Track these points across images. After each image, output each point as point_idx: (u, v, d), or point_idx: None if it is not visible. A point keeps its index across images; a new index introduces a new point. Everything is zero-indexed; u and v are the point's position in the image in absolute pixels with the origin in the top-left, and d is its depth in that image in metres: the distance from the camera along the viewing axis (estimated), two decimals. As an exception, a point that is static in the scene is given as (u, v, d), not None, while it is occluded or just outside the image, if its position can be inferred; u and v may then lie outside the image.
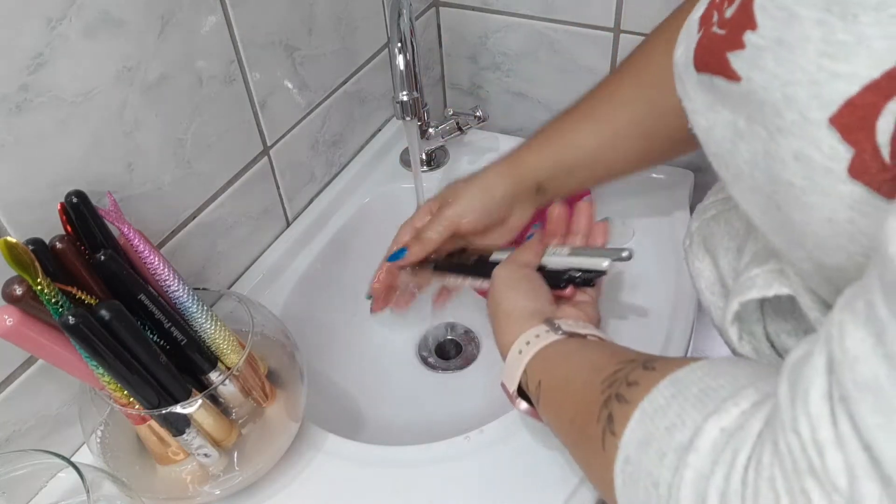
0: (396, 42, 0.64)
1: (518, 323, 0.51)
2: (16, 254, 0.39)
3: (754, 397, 0.31)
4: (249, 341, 0.51)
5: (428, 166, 0.84)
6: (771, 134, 0.29)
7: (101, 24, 0.49)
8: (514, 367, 0.49)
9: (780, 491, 0.26)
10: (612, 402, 0.38)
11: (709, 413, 0.32)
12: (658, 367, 0.37)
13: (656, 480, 0.32)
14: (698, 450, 0.31)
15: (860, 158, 0.26)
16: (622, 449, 0.35)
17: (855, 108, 0.26)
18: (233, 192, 0.66)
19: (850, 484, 0.23)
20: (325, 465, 0.56)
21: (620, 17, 0.78)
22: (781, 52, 0.28)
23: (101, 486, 0.45)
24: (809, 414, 0.25)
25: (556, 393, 0.46)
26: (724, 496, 0.29)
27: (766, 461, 0.27)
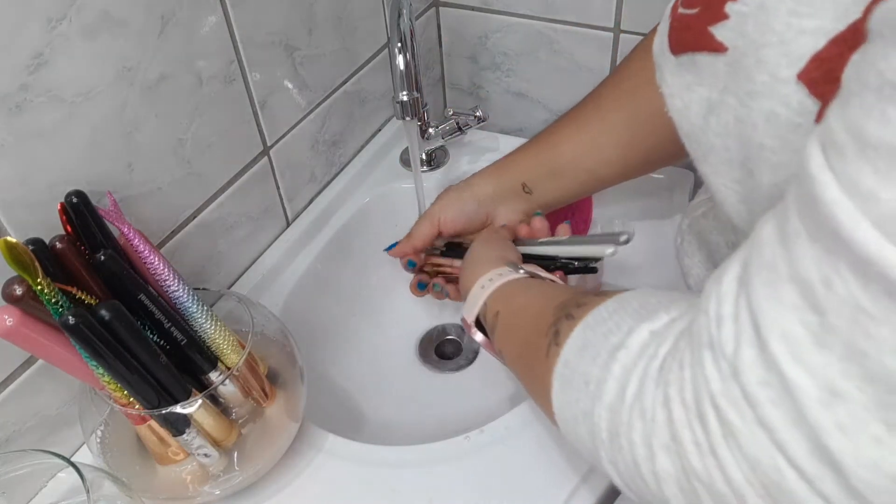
0: (396, 42, 0.64)
1: (484, 265, 0.54)
2: (16, 254, 0.39)
3: (685, 307, 0.33)
4: (249, 341, 0.51)
5: (428, 166, 0.84)
6: (741, 100, 0.30)
7: (101, 24, 0.49)
8: (475, 299, 0.52)
9: (685, 364, 0.28)
10: (562, 320, 0.40)
11: (642, 319, 0.34)
12: (608, 293, 0.39)
13: (587, 378, 0.34)
14: (628, 347, 0.33)
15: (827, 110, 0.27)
16: (562, 355, 0.37)
17: (821, 62, 0.27)
18: (233, 192, 0.66)
19: (734, 349, 0.26)
20: (325, 465, 0.56)
21: (620, 17, 0.78)
22: (760, 16, 0.29)
23: (101, 486, 0.45)
24: (720, 293, 0.27)
25: (511, 320, 0.48)
26: (641, 382, 0.31)
27: (682, 345, 0.29)
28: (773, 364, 0.24)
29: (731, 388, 0.26)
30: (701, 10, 0.32)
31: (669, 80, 0.36)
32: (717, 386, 0.26)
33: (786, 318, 0.24)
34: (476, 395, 0.71)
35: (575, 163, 0.63)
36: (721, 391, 0.26)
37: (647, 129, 0.58)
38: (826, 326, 0.23)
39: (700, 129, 0.34)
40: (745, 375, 0.25)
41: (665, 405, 0.29)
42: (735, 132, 0.31)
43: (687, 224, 0.51)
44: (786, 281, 0.24)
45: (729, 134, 0.32)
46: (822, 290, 0.22)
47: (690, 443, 0.28)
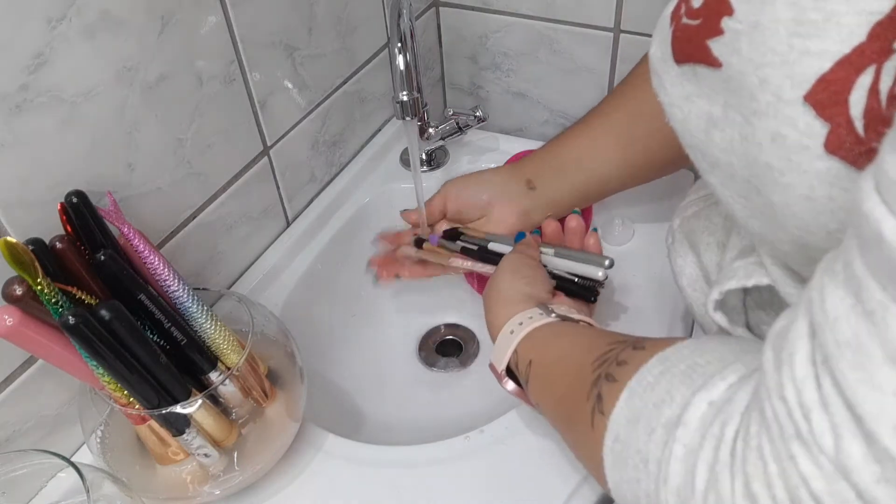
0: (396, 42, 0.64)
1: (511, 305, 0.52)
2: (16, 254, 0.39)
3: (741, 371, 0.31)
4: (249, 341, 0.51)
5: (428, 166, 0.84)
6: (747, 118, 0.30)
7: (101, 24, 0.49)
8: (505, 346, 0.50)
9: (768, 458, 0.26)
10: (602, 381, 0.38)
11: (696, 388, 0.32)
12: (647, 347, 0.38)
13: (646, 457, 0.33)
14: (687, 424, 0.31)
15: (835, 133, 0.26)
16: (611, 427, 0.36)
17: (828, 84, 0.26)
18: (233, 192, 0.66)
19: (835, 444, 0.23)
20: (325, 464, 0.56)
21: (620, 17, 0.78)
22: (756, 35, 0.29)
23: (101, 486, 0.45)
24: (795, 378, 0.25)
25: (546, 372, 0.46)
26: (712, 469, 0.29)
27: (754, 430, 0.27)
28: (890, 459, 0.22)
29: (839, 488, 0.23)
30: (701, 23, 0.32)
31: (669, 89, 0.35)
32: (819, 485, 0.24)
33: (893, 406, 0.21)
34: (476, 395, 0.71)
35: (577, 160, 0.64)
36: (827, 492, 0.24)
37: (647, 128, 0.58)
38: None
39: (703, 143, 0.33)
40: (858, 474, 0.23)
41: (748, 499, 0.27)
42: (740, 150, 0.31)
43: (678, 224, 0.51)
44: (882, 363, 0.22)
45: (734, 151, 0.31)
46: None
47: None
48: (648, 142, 0.60)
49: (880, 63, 0.25)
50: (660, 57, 0.36)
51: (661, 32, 0.36)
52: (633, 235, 0.74)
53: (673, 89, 0.35)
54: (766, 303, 0.42)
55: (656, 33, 0.37)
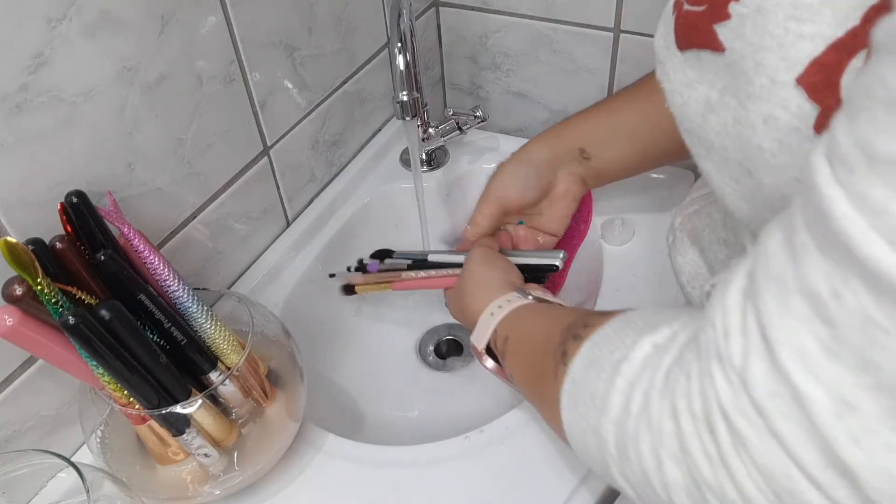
0: (396, 42, 0.64)
1: (491, 291, 0.54)
2: (16, 254, 0.39)
3: (686, 320, 0.33)
4: (249, 341, 0.51)
5: (428, 166, 0.84)
6: (741, 102, 0.30)
7: (101, 24, 0.49)
8: (485, 326, 0.52)
9: (692, 376, 0.28)
10: (569, 340, 0.40)
11: (644, 332, 0.34)
12: (615, 313, 0.39)
13: (593, 393, 0.35)
14: (631, 360, 0.33)
15: (825, 115, 0.27)
16: (569, 373, 0.38)
17: (821, 67, 0.27)
18: (233, 192, 0.66)
19: (743, 362, 0.26)
20: (324, 465, 0.56)
21: (620, 17, 0.78)
22: (758, 18, 0.29)
23: (101, 486, 0.45)
24: (725, 305, 0.27)
25: (520, 345, 0.48)
26: (646, 394, 0.31)
27: (688, 356, 0.29)
28: (784, 376, 0.24)
29: (741, 399, 0.26)
30: (707, 8, 0.32)
31: (672, 75, 0.36)
32: (727, 397, 0.26)
33: (796, 331, 0.24)
34: (476, 395, 0.71)
35: (634, 128, 0.62)
36: (732, 403, 0.26)
37: None
38: (837, 338, 0.23)
39: (699, 127, 0.34)
40: (756, 387, 0.25)
41: (673, 416, 0.29)
42: (733, 133, 0.31)
43: (679, 222, 0.51)
44: (795, 293, 0.24)
45: (727, 134, 0.32)
46: (832, 302, 0.22)
47: (700, 453, 0.28)
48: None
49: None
50: (663, 45, 0.36)
51: (665, 21, 0.37)
52: (632, 235, 0.74)
53: (675, 76, 0.35)
54: None
55: (661, 23, 0.37)
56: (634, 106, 0.62)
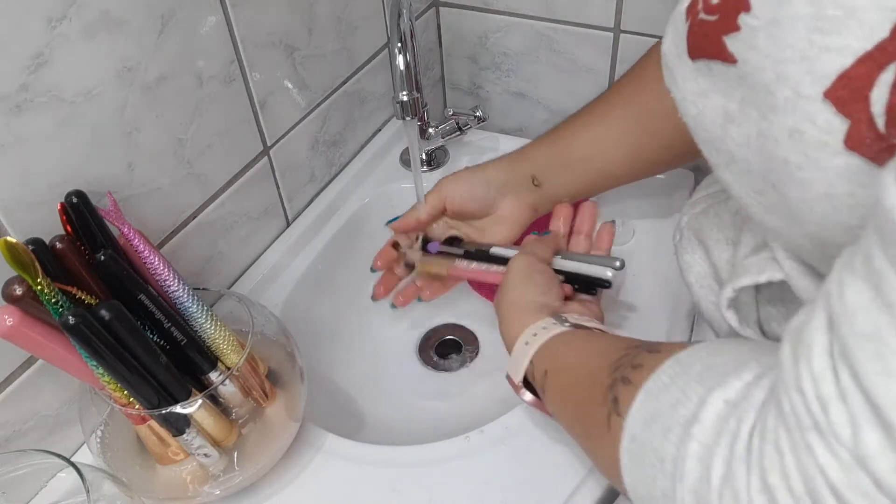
0: (396, 42, 0.64)
1: (525, 315, 0.52)
2: (16, 254, 0.39)
3: (757, 370, 0.31)
4: (249, 341, 0.51)
5: (428, 166, 0.84)
6: (763, 114, 0.30)
7: (101, 24, 0.49)
8: (521, 357, 0.50)
9: (785, 450, 0.26)
10: (618, 384, 0.38)
11: (712, 387, 0.32)
12: (662, 350, 0.38)
13: (662, 456, 0.33)
14: (702, 422, 0.31)
15: (856, 129, 0.26)
16: (627, 428, 0.36)
17: (849, 81, 0.26)
18: (233, 192, 0.66)
19: (853, 434, 0.23)
20: (325, 464, 0.56)
21: (620, 17, 0.78)
22: (774, 31, 0.28)
23: (101, 486, 0.45)
24: (812, 370, 0.25)
25: (562, 380, 0.46)
26: (728, 464, 0.29)
27: (771, 425, 0.27)
28: None
29: (857, 477, 0.23)
30: (718, 19, 0.32)
31: (682, 84, 0.35)
32: (837, 476, 0.24)
33: None
34: (476, 395, 0.71)
35: (583, 158, 0.63)
36: (844, 482, 0.24)
37: (656, 127, 0.58)
38: None
39: (719, 139, 0.33)
40: (875, 463, 0.23)
41: (765, 492, 0.27)
42: (756, 145, 0.31)
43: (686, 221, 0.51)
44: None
45: (750, 146, 0.31)
46: None
47: None
48: (659, 139, 0.59)
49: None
50: (673, 52, 0.36)
51: (676, 27, 0.36)
52: (633, 235, 0.74)
53: (686, 84, 0.35)
54: (776, 298, 0.42)
55: (669, 28, 0.37)
56: (584, 134, 0.63)
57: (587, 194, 0.67)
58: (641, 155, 0.61)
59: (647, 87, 0.59)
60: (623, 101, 0.61)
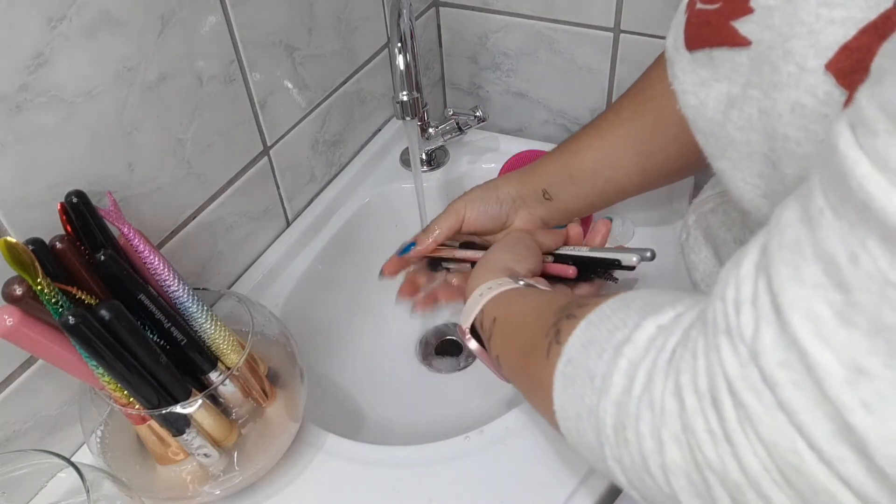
0: (396, 42, 0.64)
1: (488, 273, 0.54)
2: (16, 254, 0.39)
3: (690, 302, 0.33)
4: (249, 341, 0.51)
5: (428, 166, 0.84)
6: (766, 93, 0.30)
7: (101, 24, 0.49)
8: (472, 306, 0.51)
9: (699, 353, 0.28)
10: (562, 320, 0.39)
11: (647, 314, 0.33)
12: (609, 295, 0.39)
13: (592, 374, 0.34)
14: (634, 342, 0.32)
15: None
16: (565, 353, 0.37)
17: (850, 52, 0.27)
18: (233, 192, 0.66)
19: (753, 332, 0.25)
20: (325, 465, 0.56)
21: (620, 17, 0.78)
22: (788, 7, 0.29)
23: (101, 486, 0.45)
24: (738, 278, 0.27)
25: (509, 326, 0.47)
26: (650, 374, 0.30)
27: (693, 335, 0.29)
28: (795, 344, 0.23)
29: (749, 371, 0.25)
30: (723, 5, 0.32)
31: (681, 76, 0.35)
32: (734, 370, 0.25)
33: (809, 297, 0.23)
34: (476, 395, 0.71)
35: (594, 171, 0.63)
36: (738, 375, 0.25)
37: (667, 137, 0.58)
38: (851, 303, 0.22)
39: (719, 125, 0.34)
40: (765, 357, 0.24)
41: (676, 394, 0.28)
42: (758, 125, 0.31)
43: (693, 219, 0.51)
44: (809, 260, 0.23)
45: (752, 127, 0.31)
46: (847, 266, 0.22)
47: (703, 431, 0.27)
48: (668, 151, 0.59)
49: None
50: (672, 45, 0.36)
51: (676, 23, 0.36)
52: (633, 235, 0.74)
53: (685, 76, 0.35)
54: None
55: (672, 25, 0.37)
56: (594, 146, 0.63)
57: (598, 207, 0.67)
58: (652, 166, 0.61)
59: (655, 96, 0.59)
60: (632, 111, 0.61)
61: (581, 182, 0.64)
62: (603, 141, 0.63)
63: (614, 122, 0.62)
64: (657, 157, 0.60)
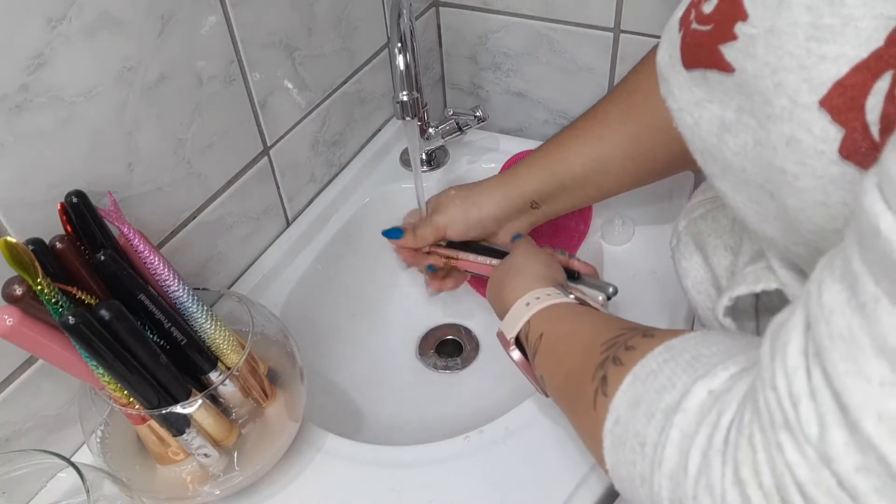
0: (396, 42, 0.64)
1: (530, 281, 0.53)
2: (16, 254, 0.39)
3: (744, 363, 0.31)
4: (249, 341, 0.51)
5: (428, 166, 0.84)
6: (761, 122, 0.30)
7: (101, 24, 0.49)
8: (518, 316, 0.50)
9: (758, 445, 0.26)
10: (608, 363, 0.39)
11: (698, 376, 0.32)
12: (657, 335, 0.38)
13: (643, 440, 0.33)
14: (685, 410, 0.31)
15: (851, 138, 0.26)
16: (612, 410, 0.36)
17: (845, 89, 0.26)
18: (233, 192, 0.66)
19: (820, 433, 0.23)
20: (325, 465, 0.56)
21: (620, 17, 0.78)
22: (772, 39, 0.28)
23: (101, 486, 0.45)
24: (786, 368, 0.25)
25: (555, 347, 0.47)
26: (705, 455, 0.29)
27: (747, 419, 0.28)
28: (872, 448, 0.22)
29: (822, 476, 0.23)
30: (713, 28, 0.31)
31: (678, 94, 0.35)
32: (804, 473, 0.24)
33: (878, 397, 0.22)
34: (476, 395, 0.71)
35: (585, 177, 0.64)
36: (810, 480, 0.24)
37: (656, 142, 0.58)
38: None
39: (715, 147, 0.33)
40: (839, 462, 0.23)
41: (737, 485, 0.27)
42: (753, 154, 0.31)
43: (684, 226, 0.51)
44: (870, 354, 0.22)
45: (747, 155, 0.31)
46: None
47: None
48: (657, 153, 0.59)
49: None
50: (668, 62, 0.36)
51: (670, 37, 0.36)
52: (633, 235, 0.74)
53: (681, 94, 0.35)
54: (775, 307, 0.42)
55: (664, 38, 0.37)
56: (581, 153, 0.63)
57: (585, 205, 0.69)
58: (642, 169, 0.62)
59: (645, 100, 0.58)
60: (622, 116, 0.61)
61: (572, 190, 0.64)
62: (592, 148, 0.62)
63: (602, 127, 0.62)
64: (647, 160, 0.61)
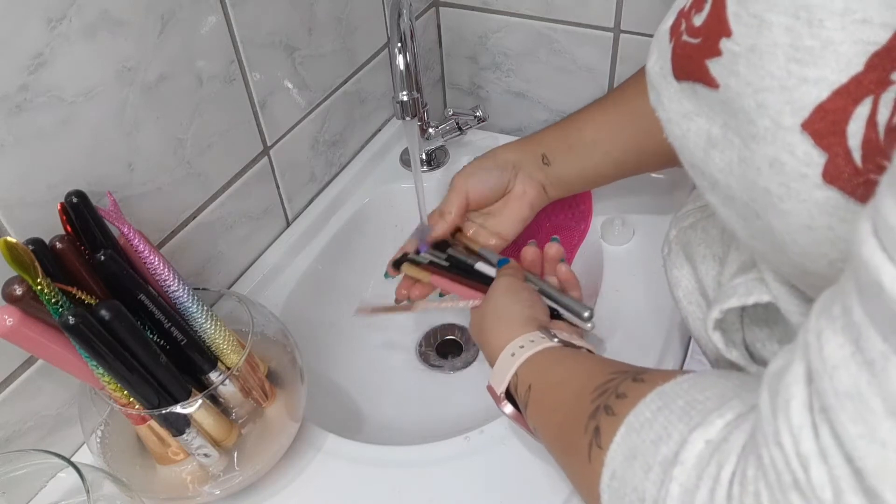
0: (396, 42, 0.64)
1: (513, 327, 0.51)
2: (16, 254, 0.39)
3: (739, 409, 0.31)
4: (249, 341, 0.51)
5: (428, 166, 0.84)
6: (745, 141, 0.29)
7: (101, 24, 0.49)
8: (505, 369, 0.49)
9: (763, 502, 0.25)
10: (601, 413, 0.38)
11: (694, 425, 0.31)
12: (647, 380, 0.37)
13: (642, 496, 0.32)
14: (683, 463, 0.30)
15: (833, 163, 0.26)
16: (608, 464, 0.35)
17: (826, 114, 0.26)
18: (233, 192, 0.66)
19: (835, 498, 0.23)
20: (324, 465, 0.56)
21: (620, 17, 0.78)
22: (753, 58, 0.28)
23: (101, 486, 0.45)
24: (791, 426, 0.24)
25: (545, 398, 0.45)
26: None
27: (751, 475, 0.26)
28: None
29: None
30: (701, 42, 0.31)
31: (668, 105, 0.35)
32: None
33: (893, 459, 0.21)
34: (476, 395, 0.71)
35: (593, 143, 0.64)
36: None
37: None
38: None
39: (702, 162, 0.33)
40: None
41: None
42: (738, 172, 0.30)
43: (674, 234, 0.51)
44: (882, 416, 0.21)
45: (732, 173, 0.31)
46: None
47: None
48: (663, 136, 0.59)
49: (878, 94, 0.25)
50: (658, 72, 0.35)
51: (660, 47, 0.35)
52: (632, 235, 0.74)
53: (671, 105, 0.34)
54: (761, 320, 0.42)
55: (654, 47, 0.36)
56: (595, 118, 0.64)
57: (594, 182, 0.68)
58: (649, 145, 0.61)
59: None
60: (635, 91, 0.61)
61: (579, 152, 0.64)
62: (605, 116, 0.63)
63: (618, 100, 0.63)
64: (655, 136, 0.60)
